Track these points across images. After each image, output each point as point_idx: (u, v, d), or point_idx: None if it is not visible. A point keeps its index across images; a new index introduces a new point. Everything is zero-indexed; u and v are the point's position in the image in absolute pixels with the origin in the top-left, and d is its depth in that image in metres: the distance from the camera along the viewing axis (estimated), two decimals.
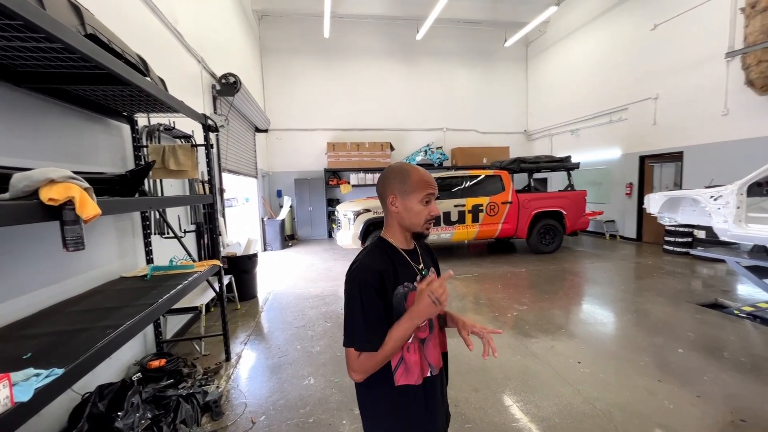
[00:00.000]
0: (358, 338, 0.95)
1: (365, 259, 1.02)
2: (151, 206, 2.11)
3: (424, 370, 1.04)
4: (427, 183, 1.02)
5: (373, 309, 0.95)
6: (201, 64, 4.76)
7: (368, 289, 0.96)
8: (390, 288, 0.99)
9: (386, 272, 0.99)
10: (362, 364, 0.94)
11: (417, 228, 1.04)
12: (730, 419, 2.13)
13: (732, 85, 6.08)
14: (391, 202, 1.04)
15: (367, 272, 0.98)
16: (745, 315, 3.76)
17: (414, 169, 1.04)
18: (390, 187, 1.04)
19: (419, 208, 1.02)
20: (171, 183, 3.62)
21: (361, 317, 0.95)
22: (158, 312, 1.89)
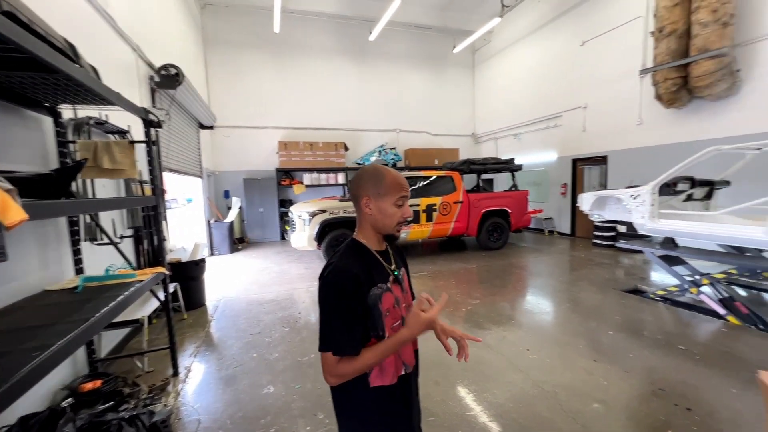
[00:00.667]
0: (336, 343, 0.94)
1: (339, 262, 1.01)
2: (86, 210, 1.87)
3: (398, 370, 1.06)
4: (401, 185, 1.04)
5: (351, 312, 0.95)
6: (137, 52, 4.33)
7: (344, 292, 0.96)
8: (365, 290, 1.00)
9: (361, 274, 0.99)
10: (340, 368, 0.94)
11: (389, 230, 1.06)
12: (651, 390, 2.45)
13: (645, 98, 6.97)
14: (365, 204, 1.05)
15: (342, 275, 0.97)
16: (659, 298, 4.34)
17: (387, 171, 1.05)
18: (364, 189, 1.05)
19: (393, 210, 1.03)
20: (103, 183, 3.25)
21: (339, 321, 0.95)
22: (96, 328, 1.69)
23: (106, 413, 2.00)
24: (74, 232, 2.54)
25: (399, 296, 1.10)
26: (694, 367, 2.72)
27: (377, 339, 1.01)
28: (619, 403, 2.31)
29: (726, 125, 5.81)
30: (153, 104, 4.84)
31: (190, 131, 7.05)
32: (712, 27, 5.41)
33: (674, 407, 2.25)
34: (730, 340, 3.14)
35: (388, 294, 1.04)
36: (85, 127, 2.69)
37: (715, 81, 5.53)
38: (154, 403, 2.36)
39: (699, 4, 5.49)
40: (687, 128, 6.37)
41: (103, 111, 2.97)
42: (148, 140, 2.65)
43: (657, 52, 6.19)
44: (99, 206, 2.15)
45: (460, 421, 2.20)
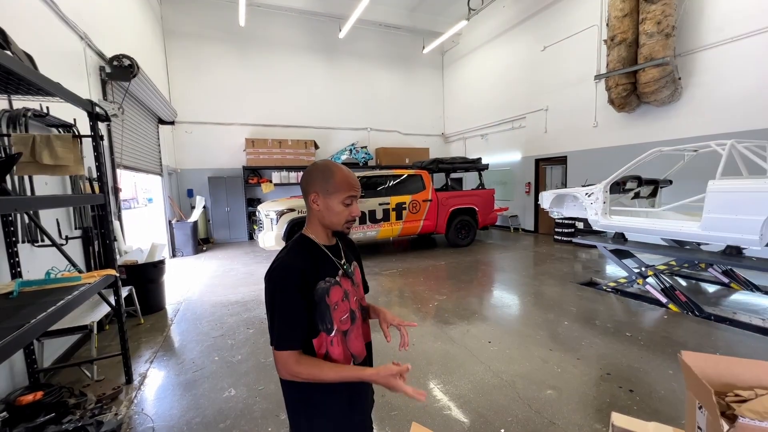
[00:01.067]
0: (278, 337, 0.95)
1: (286, 258, 1.01)
2: (16, 207, 1.73)
3: (347, 362, 1.07)
4: (350, 185, 1.04)
5: (293, 307, 0.96)
6: (84, 41, 4.05)
7: (287, 287, 0.96)
8: (311, 284, 1.00)
9: (307, 269, 1.00)
10: (296, 368, 0.94)
11: (337, 227, 1.07)
12: (600, 374, 2.62)
13: (599, 102, 7.41)
14: (313, 200, 1.05)
15: (287, 270, 0.98)
16: (610, 290, 4.64)
17: (338, 168, 1.04)
18: (313, 184, 1.05)
19: (340, 208, 1.04)
20: (45, 180, 3.02)
21: (281, 315, 0.95)
22: (31, 335, 1.58)
23: (46, 426, 1.87)
24: (10, 233, 2.34)
25: (349, 290, 1.11)
26: (638, 352, 2.94)
27: (326, 332, 1.02)
28: (570, 389, 2.45)
29: (669, 129, 6.30)
30: (104, 97, 4.54)
31: (148, 126, 6.69)
32: (656, 37, 5.83)
33: (618, 389, 2.42)
34: (670, 326, 3.42)
35: (336, 288, 1.05)
36: (21, 119, 2.48)
37: (660, 88, 5.98)
38: (103, 413, 2.22)
39: (645, 16, 5.91)
40: (636, 131, 6.84)
41: (43, 102, 2.75)
42: (95, 134, 2.49)
43: (609, 59, 6.59)
44: (33, 204, 1.99)
45: (423, 414, 2.25)
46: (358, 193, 1.06)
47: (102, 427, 2.04)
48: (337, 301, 1.05)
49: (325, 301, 1.02)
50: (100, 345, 3.33)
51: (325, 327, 1.02)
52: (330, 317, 1.03)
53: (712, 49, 5.72)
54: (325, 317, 1.02)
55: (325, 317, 1.02)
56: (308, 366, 0.95)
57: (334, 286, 1.05)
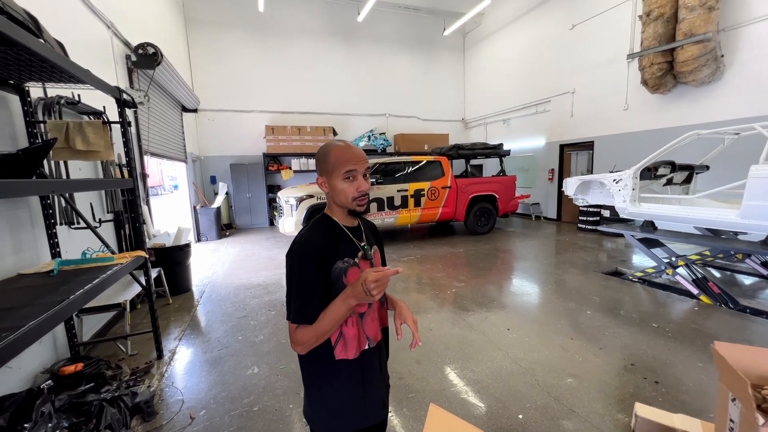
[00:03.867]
0: (294, 311, 0.97)
1: (306, 234, 1.03)
2: (53, 189, 1.82)
3: (361, 344, 1.08)
4: (346, 159, 0.99)
5: (309, 282, 0.97)
6: (111, 29, 4.15)
7: (305, 263, 0.97)
8: (329, 262, 1.01)
9: (326, 246, 1.01)
10: (299, 336, 0.96)
11: (348, 205, 1.05)
12: (623, 364, 2.55)
13: (631, 83, 7.01)
14: (321, 184, 1.06)
15: (306, 246, 0.99)
16: (637, 279, 4.48)
17: (335, 147, 1.01)
18: (318, 168, 1.07)
19: (343, 185, 1.01)
20: (79, 166, 3.16)
21: (297, 290, 0.97)
22: (70, 310, 1.68)
23: (86, 394, 2.00)
24: (49, 216, 2.48)
25: None
26: (664, 343, 2.84)
27: None
28: (591, 378, 2.40)
29: (708, 111, 5.89)
30: (131, 85, 4.68)
31: (172, 114, 6.86)
32: (698, 11, 5.41)
33: (643, 380, 2.35)
34: (700, 318, 3.28)
35: (354, 269, 1.05)
36: (55, 106, 2.59)
37: (700, 66, 5.58)
38: (137, 384, 2.37)
39: None
40: (671, 113, 6.44)
41: (75, 90, 2.85)
42: (123, 120, 2.57)
43: (644, 36, 6.19)
44: (64, 187, 2.09)
45: (440, 397, 2.27)
46: (360, 166, 1.01)
47: (136, 397, 2.17)
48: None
49: (342, 281, 1.02)
50: (132, 322, 3.53)
51: None
52: None
53: (760, 22, 5.26)
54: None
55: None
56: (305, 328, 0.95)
57: (352, 267, 1.05)
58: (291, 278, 0.98)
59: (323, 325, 0.96)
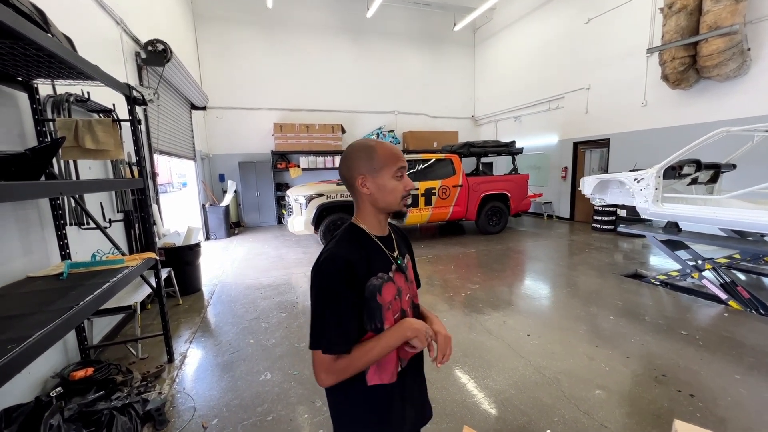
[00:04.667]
0: (327, 339, 0.84)
1: (334, 248, 0.90)
2: (61, 191, 1.75)
3: (397, 365, 0.98)
4: (397, 156, 0.94)
5: (345, 306, 0.86)
6: (120, 26, 4.09)
7: (337, 283, 0.86)
8: (362, 279, 0.90)
9: (358, 262, 0.89)
10: (334, 367, 0.85)
11: (395, 206, 0.96)
12: (654, 375, 2.42)
13: (650, 79, 6.78)
14: (362, 184, 0.94)
15: (337, 263, 0.87)
16: (659, 283, 4.31)
17: (378, 143, 0.95)
18: (356, 167, 0.94)
19: (393, 184, 0.93)
20: (89, 165, 3.11)
21: (332, 316, 0.85)
22: (80, 317, 1.61)
23: (96, 402, 1.94)
24: (58, 216, 2.42)
25: (402, 287, 1.00)
26: (695, 352, 2.70)
27: (374, 333, 0.92)
28: (621, 390, 2.28)
29: (733, 107, 5.66)
30: (140, 82, 4.62)
31: (181, 112, 6.82)
32: (724, 2, 5.18)
33: (677, 393, 2.22)
34: (731, 325, 3.12)
35: (389, 284, 0.95)
36: (64, 104, 2.53)
37: (725, 60, 5.36)
38: (148, 390, 2.30)
39: None
40: (693, 110, 6.22)
41: (84, 87, 2.79)
42: (133, 118, 2.50)
43: (665, 29, 5.96)
44: (72, 188, 2.01)
45: (461, 408, 2.17)
46: (406, 163, 0.97)
47: (147, 405, 2.10)
48: (390, 300, 0.95)
49: (376, 299, 0.92)
50: (143, 324, 3.48)
51: (373, 326, 0.92)
52: (381, 317, 0.93)
53: None
54: (374, 316, 0.92)
55: (374, 316, 0.92)
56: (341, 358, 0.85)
57: (387, 283, 0.94)
58: (320, 300, 0.87)
59: (371, 356, 0.87)
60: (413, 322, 0.92)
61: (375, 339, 0.89)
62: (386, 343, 0.89)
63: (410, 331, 0.90)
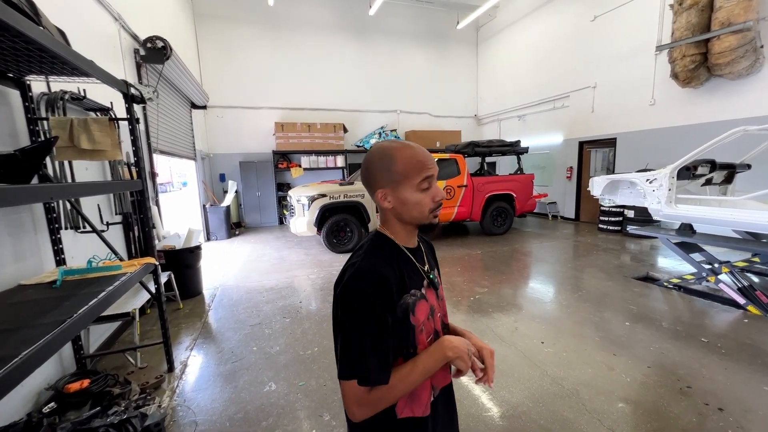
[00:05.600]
0: (362, 369, 0.72)
1: (365, 262, 0.78)
2: (52, 196, 1.63)
3: (430, 394, 0.87)
4: (421, 162, 0.80)
5: (383, 329, 0.74)
6: (119, 22, 3.97)
7: (373, 303, 0.74)
8: (396, 297, 0.78)
9: (392, 277, 0.78)
10: (367, 398, 0.73)
11: (422, 220, 0.84)
12: (678, 387, 2.30)
13: (659, 77, 6.66)
14: (382, 198, 0.82)
15: (370, 280, 0.75)
16: (672, 286, 4.20)
17: (399, 149, 0.80)
18: (375, 180, 0.82)
19: (417, 197, 0.80)
20: (86, 166, 2.99)
21: (366, 341, 0.73)
22: (73, 330, 1.49)
23: (92, 419, 1.83)
24: (53, 220, 2.31)
25: (434, 304, 0.89)
26: (719, 361, 2.58)
27: (405, 359, 0.81)
28: (646, 402, 2.16)
29: (746, 105, 5.54)
30: (139, 80, 4.50)
31: (181, 111, 6.70)
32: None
33: (705, 407, 2.10)
34: (753, 332, 3.01)
35: (422, 302, 0.84)
36: (59, 102, 2.41)
37: (737, 58, 5.24)
38: (147, 403, 2.19)
39: None
40: (703, 108, 6.09)
41: (80, 85, 2.68)
42: (131, 117, 2.38)
43: (675, 26, 5.84)
44: (65, 192, 1.89)
45: (477, 423, 2.06)
46: (435, 169, 0.82)
47: (146, 420, 1.99)
48: (423, 321, 0.84)
49: (410, 320, 0.80)
50: (142, 329, 3.37)
51: (406, 350, 0.81)
52: (414, 339, 0.81)
53: None
54: (407, 340, 0.81)
55: (407, 340, 0.81)
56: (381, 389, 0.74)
57: (420, 301, 0.83)
58: (353, 324, 0.74)
59: (408, 384, 0.76)
60: (453, 339, 0.81)
61: (410, 364, 0.78)
62: (424, 367, 0.78)
63: (451, 351, 0.79)
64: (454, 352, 0.79)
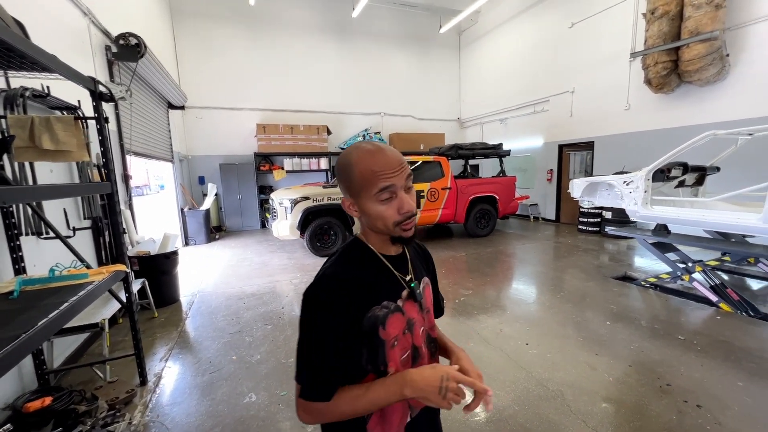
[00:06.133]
0: (304, 381, 0.70)
1: (331, 269, 0.76)
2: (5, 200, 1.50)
3: (404, 416, 0.81)
4: (377, 171, 0.71)
5: (330, 342, 0.70)
6: (88, 16, 3.78)
7: (324, 313, 0.70)
8: (362, 307, 0.74)
9: (359, 286, 0.74)
10: (310, 407, 0.71)
11: (391, 232, 0.77)
12: (658, 385, 2.35)
13: (633, 83, 6.90)
14: (350, 208, 0.79)
15: (330, 287, 0.72)
16: (649, 285, 4.32)
17: (359, 154, 0.74)
18: (342, 188, 0.79)
19: (378, 209, 0.73)
20: (51, 167, 2.82)
21: (311, 353, 0.70)
22: (30, 346, 1.38)
23: None
24: (11, 225, 2.15)
25: (415, 318, 0.83)
26: (696, 358, 2.65)
27: (377, 375, 0.76)
28: (628, 402, 2.19)
29: (714, 111, 5.80)
30: (111, 78, 4.30)
31: (157, 111, 6.46)
32: (704, 9, 5.30)
33: (684, 404, 2.15)
34: (726, 329, 3.11)
35: (396, 315, 0.78)
36: (19, 99, 2.25)
37: (705, 65, 5.48)
38: (116, 421, 2.05)
39: None
40: (674, 113, 6.34)
41: (43, 81, 2.51)
42: (99, 116, 2.24)
43: (648, 34, 6.06)
44: (24, 195, 1.76)
45: (463, 428, 2.03)
46: (399, 176, 0.73)
47: None
48: (396, 335, 0.78)
49: (379, 334, 0.75)
50: (114, 339, 3.20)
51: (375, 368, 0.76)
52: (384, 356, 0.76)
53: (766, 21, 5.17)
54: (377, 356, 0.75)
55: (377, 356, 0.75)
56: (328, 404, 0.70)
57: (393, 314, 0.77)
58: (303, 332, 0.72)
59: (355, 408, 0.70)
60: (416, 375, 0.69)
61: (363, 389, 0.71)
62: (374, 397, 0.70)
63: (409, 389, 0.68)
64: (414, 390, 0.67)
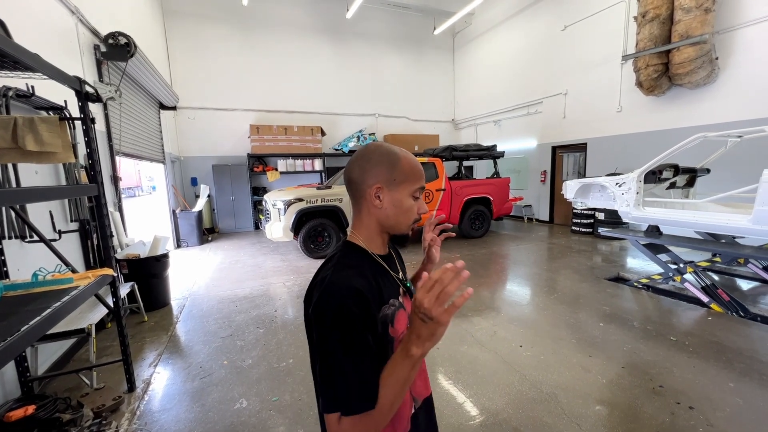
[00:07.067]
0: (346, 398, 0.63)
1: (336, 276, 0.71)
2: None
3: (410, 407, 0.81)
4: (420, 173, 0.82)
5: (364, 350, 0.66)
6: (76, 15, 3.71)
7: (352, 322, 0.66)
8: (374, 310, 0.72)
9: (369, 290, 0.71)
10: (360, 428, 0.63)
11: (403, 229, 0.82)
12: (651, 387, 2.35)
13: (625, 85, 6.97)
14: (375, 194, 0.77)
15: (344, 295, 0.68)
16: (642, 286, 4.35)
17: (403, 153, 0.82)
18: (373, 173, 0.78)
19: (409, 203, 0.81)
20: (36, 169, 2.75)
21: (349, 366, 0.64)
22: (11, 353, 1.33)
23: None
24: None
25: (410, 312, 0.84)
26: (688, 359, 2.67)
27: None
28: (621, 404, 2.19)
29: (704, 113, 5.88)
30: (100, 78, 4.23)
31: (148, 112, 6.38)
32: (694, 12, 5.37)
33: (677, 406, 2.15)
34: (717, 329, 3.13)
35: (401, 313, 0.79)
36: (1, 99, 2.19)
37: (695, 68, 5.55)
38: (102, 429, 2.00)
39: None
40: (666, 116, 6.42)
41: (28, 81, 2.45)
42: (85, 116, 2.19)
43: (639, 37, 6.13)
44: (9, 198, 1.71)
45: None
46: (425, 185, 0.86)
47: None
48: (403, 331, 0.78)
49: (389, 332, 0.74)
50: (102, 344, 3.13)
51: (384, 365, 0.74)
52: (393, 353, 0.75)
53: (756, 25, 5.25)
54: (387, 354, 0.74)
55: (387, 354, 0.74)
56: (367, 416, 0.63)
57: (399, 311, 0.78)
58: (332, 348, 0.65)
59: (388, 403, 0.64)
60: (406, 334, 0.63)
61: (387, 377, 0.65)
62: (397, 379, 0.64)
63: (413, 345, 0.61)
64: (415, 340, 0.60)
